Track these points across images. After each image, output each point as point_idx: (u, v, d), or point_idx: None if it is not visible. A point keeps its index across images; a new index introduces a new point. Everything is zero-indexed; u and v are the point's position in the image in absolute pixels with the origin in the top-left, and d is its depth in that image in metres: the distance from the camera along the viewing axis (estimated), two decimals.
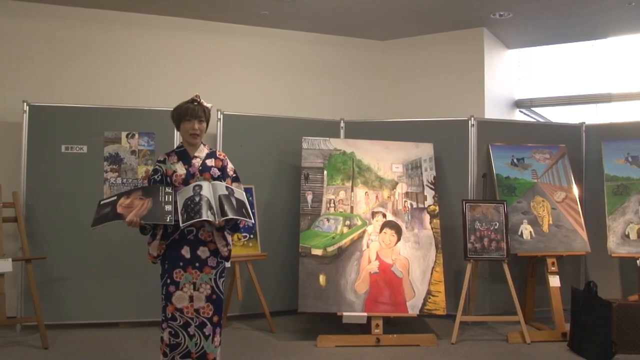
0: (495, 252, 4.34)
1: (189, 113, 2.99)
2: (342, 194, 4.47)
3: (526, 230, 4.53)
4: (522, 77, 6.62)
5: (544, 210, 4.62)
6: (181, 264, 2.92)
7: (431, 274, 4.30)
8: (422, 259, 4.35)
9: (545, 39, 6.03)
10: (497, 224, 4.39)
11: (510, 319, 4.36)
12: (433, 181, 4.60)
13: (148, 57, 5.20)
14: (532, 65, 6.69)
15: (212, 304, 2.97)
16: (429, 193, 4.55)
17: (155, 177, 3.02)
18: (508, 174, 4.74)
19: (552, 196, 4.69)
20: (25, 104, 4.49)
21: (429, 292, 4.25)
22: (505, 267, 4.32)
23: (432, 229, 4.44)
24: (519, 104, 6.54)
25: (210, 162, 3.06)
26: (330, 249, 4.28)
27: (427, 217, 4.47)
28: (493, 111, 5.73)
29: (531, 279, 4.75)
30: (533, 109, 6.84)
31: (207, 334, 2.95)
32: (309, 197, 4.45)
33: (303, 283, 4.21)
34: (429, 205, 4.51)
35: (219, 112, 4.77)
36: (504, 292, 4.44)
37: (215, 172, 3.05)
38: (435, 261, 4.35)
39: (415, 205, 4.51)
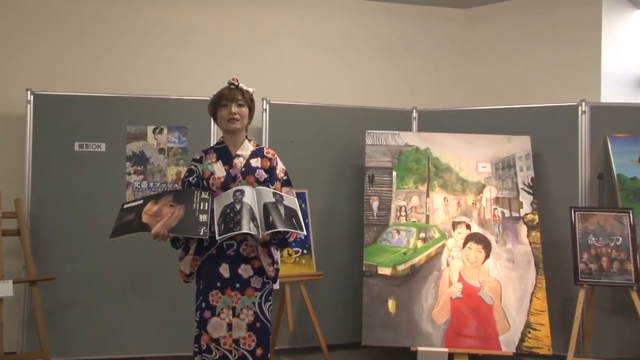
0: (618, 276, 4.00)
1: (224, 97, 2.97)
2: (415, 200, 4.34)
3: None
4: None
5: None
6: (218, 284, 2.86)
7: (530, 301, 4.04)
8: (517, 281, 4.10)
9: None
10: (620, 238, 4.07)
11: None
12: (530, 183, 4.34)
13: (178, 35, 4.97)
14: None
15: (256, 334, 2.87)
16: (526, 198, 4.30)
17: (190, 179, 2.98)
18: (634, 174, 4.41)
19: None
20: (28, 92, 4.31)
21: (528, 325, 3.99)
22: (635, 295, 3.91)
23: (530, 243, 4.19)
24: None
25: (255, 162, 2.99)
26: (401, 267, 4.15)
27: (523, 229, 4.22)
28: (613, 93, 5.24)
29: None
30: None
31: None
32: (375, 204, 4.33)
33: (368, 309, 4.06)
34: (526, 214, 4.27)
35: (265, 102, 4.62)
36: (634, 329, 4.15)
37: (261, 174, 2.97)
38: (535, 285, 4.08)
39: (507, 214, 4.28)
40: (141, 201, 2.88)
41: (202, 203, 2.82)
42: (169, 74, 4.98)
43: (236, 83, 3.00)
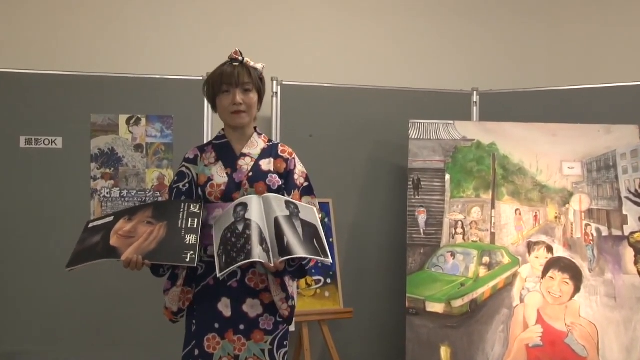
0: None
1: (225, 79, 2.78)
2: (476, 213, 4.19)
3: None
4: None
5: None
6: (217, 325, 2.71)
7: None
8: (622, 325, 3.87)
9: None
10: None
11: None
12: (639, 190, 4.17)
13: None
14: None
15: None
16: (632, 211, 4.04)
17: (181, 185, 2.86)
18: None
19: None
20: None
21: None
22: None
23: (638, 273, 3.97)
24: None
25: (266, 164, 2.87)
26: (457, 303, 4.00)
27: (628, 253, 3.98)
28: None
29: None
30: None
31: None
32: (422, 218, 4.18)
33: (413, 358, 3.93)
34: (633, 233, 4.02)
35: (275, 82, 4.37)
36: None
37: (275, 181, 2.85)
38: None
39: (605, 232, 4.05)
40: (111, 217, 2.73)
41: (190, 219, 2.69)
42: (149, 45, 4.67)
43: (240, 58, 2.80)
